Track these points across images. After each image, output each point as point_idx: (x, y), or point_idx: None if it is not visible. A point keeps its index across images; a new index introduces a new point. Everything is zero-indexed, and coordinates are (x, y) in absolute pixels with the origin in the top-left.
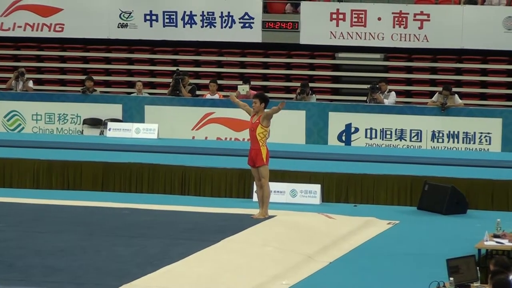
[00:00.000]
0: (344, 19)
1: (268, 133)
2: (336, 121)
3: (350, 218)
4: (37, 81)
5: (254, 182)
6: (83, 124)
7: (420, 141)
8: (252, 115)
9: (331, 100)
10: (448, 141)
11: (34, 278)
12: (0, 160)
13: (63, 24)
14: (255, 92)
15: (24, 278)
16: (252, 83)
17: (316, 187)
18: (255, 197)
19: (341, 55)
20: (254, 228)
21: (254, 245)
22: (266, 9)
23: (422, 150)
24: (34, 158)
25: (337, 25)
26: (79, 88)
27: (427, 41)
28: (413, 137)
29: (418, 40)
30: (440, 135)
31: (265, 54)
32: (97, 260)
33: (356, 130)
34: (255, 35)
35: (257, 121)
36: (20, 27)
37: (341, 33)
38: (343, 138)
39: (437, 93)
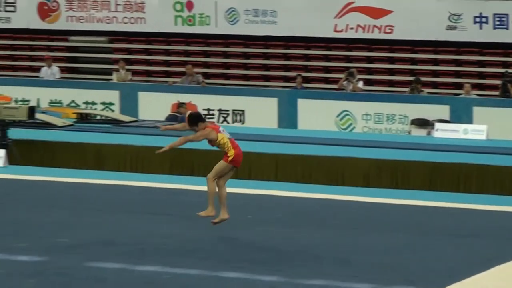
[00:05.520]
0: None
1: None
2: None
3: None
4: (367, 82)
5: None
6: (411, 124)
7: None
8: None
9: None
10: None
11: (366, 275)
12: (332, 159)
13: (393, 26)
14: None
15: (358, 275)
16: None
17: None
18: None
19: None
20: None
21: None
22: None
23: None
24: (365, 157)
25: None
26: (406, 89)
27: None
28: None
29: None
30: None
31: None
32: (426, 258)
33: None
34: None
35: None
36: (352, 28)
37: None
38: None
39: None
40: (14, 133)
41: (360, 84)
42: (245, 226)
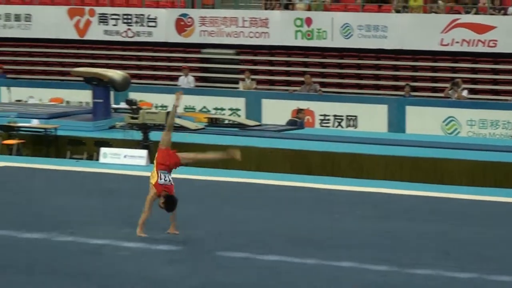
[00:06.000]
0: None
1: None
2: None
3: None
4: (471, 91)
5: None
6: None
7: None
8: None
9: None
10: None
11: (467, 265)
12: (435, 160)
13: (496, 40)
14: None
15: (459, 265)
16: None
17: None
18: None
19: None
20: None
21: None
22: None
23: None
24: (469, 159)
25: None
26: (510, 98)
27: None
28: None
29: None
30: None
31: None
32: None
33: None
34: None
35: None
36: (458, 42)
37: None
38: None
39: None
40: (154, 136)
41: (465, 93)
42: (357, 220)
